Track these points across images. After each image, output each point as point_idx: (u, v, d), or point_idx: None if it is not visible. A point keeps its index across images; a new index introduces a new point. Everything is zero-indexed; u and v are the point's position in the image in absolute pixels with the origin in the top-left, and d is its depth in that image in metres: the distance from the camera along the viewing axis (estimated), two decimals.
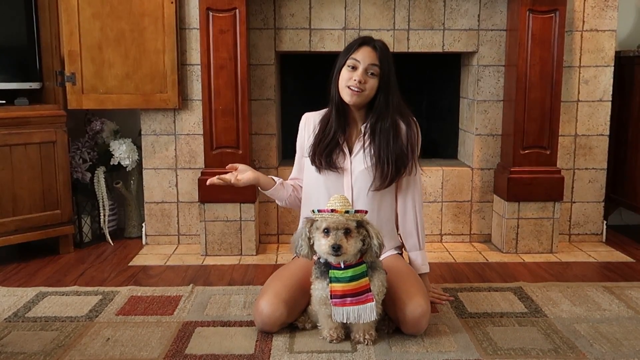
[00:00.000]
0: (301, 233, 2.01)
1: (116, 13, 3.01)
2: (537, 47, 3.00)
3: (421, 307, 2.06)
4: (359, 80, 2.16)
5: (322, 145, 2.25)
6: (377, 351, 2.02)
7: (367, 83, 2.18)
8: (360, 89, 2.17)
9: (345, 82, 2.19)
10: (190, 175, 3.25)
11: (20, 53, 3.02)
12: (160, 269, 2.92)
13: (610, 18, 3.18)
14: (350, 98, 2.19)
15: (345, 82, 2.19)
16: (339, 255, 1.92)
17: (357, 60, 2.17)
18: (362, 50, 2.19)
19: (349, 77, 2.18)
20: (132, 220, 3.45)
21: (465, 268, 2.94)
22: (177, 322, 2.27)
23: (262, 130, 3.24)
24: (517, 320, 2.28)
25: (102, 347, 2.07)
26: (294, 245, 2.03)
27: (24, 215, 2.96)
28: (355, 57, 2.18)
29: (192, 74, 3.16)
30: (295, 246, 2.03)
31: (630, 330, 2.20)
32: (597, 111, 3.26)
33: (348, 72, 2.19)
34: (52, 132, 3.02)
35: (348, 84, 2.18)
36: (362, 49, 2.19)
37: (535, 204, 3.13)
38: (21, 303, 2.45)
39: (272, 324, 2.10)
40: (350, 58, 2.19)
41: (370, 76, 2.18)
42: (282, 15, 3.15)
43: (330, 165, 2.23)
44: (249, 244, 3.12)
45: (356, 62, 2.17)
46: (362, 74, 2.17)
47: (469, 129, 3.37)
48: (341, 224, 1.93)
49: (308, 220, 2.02)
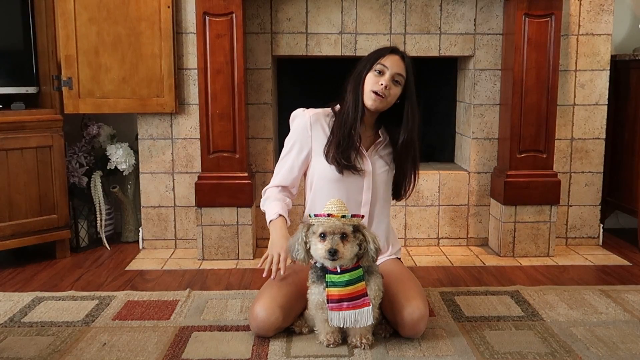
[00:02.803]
0: (298, 237, 2.01)
1: (113, 17, 3.01)
2: (533, 51, 3.00)
3: (419, 310, 2.06)
4: (385, 86, 2.17)
5: (344, 146, 2.21)
6: (374, 355, 2.02)
7: (391, 90, 2.19)
8: (384, 95, 2.18)
9: (371, 86, 2.19)
10: (187, 179, 3.25)
11: (17, 57, 3.02)
12: (157, 274, 2.92)
13: (606, 22, 3.19)
14: (372, 102, 2.19)
15: (370, 86, 2.19)
16: (335, 260, 1.92)
17: (385, 67, 2.19)
18: (391, 57, 2.20)
19: (376, 81, 2.18)
20: (128, 224, 3.44)
21: (462, 272, 2.94)
22: (173, 326, 2.27)
23: (259, 135, 3.25)
24: (514, 324, 2.28)
25: (98, 352, 2.07)
26: (291, 250, 2.03)
27: (20, 219, 2.96)
28: (384, 64, 2.19)
29: (189, 78, 3.17)
30: (292, 251, 2.03)
31: (626, 334, 2.20)
32: (593, 115, 3.27)
33: (375, 77, 2.19)
34: (48, 136, 3.01)
35: (374, 88, 2.18)
36: (391, 57, 2.21)
37: (532, 208, 3.13)
38: (17, 308, 2.44)
39: (267, 328, 2.10)
40: (379, 63, 2.19)
41: (395, 84, 2.20)
42: (279, 19, 3.15)
43: (351, 167, 2.22)
44: (246, 248, 3.12)
45: (384, 67, 2.18)
46: (389, 80, 2.18)
47: (465, 133, 3.38)
48: (338, 229, 1.93)
49: (305, 225, 2.02)
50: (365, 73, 2.21)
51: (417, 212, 3.31)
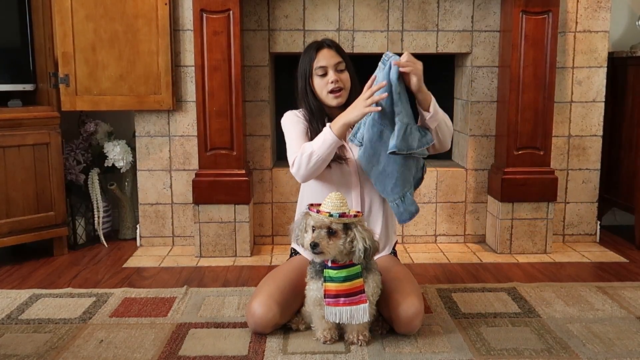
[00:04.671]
0: (300, 223, 2.03)
1: (110, 15, 3.00)
2: (531, 48, 3.01)
3: (415, 306, 2.06)
4: (335, 80, 2.21)
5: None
6: (370, 352, 2.02)
7: (341, 78, 2.24)
8: (340, 87, 2.22)
9: (324, 89, 2.23)
10: (185, 176, 3.25)
11: (14, 55, 3.01)
12: (155, 271, 2.92)
13: (603, 19, 3.19)
14: (336, 100, 2.24)
15: (324, 89, 2.23)
16: (316, 254, 1.95)
17: (323, 67, 2.23)
18: (321, 54, 2.24)
19: (325, 82, 2.23)
20: (126, 221, 3.44)
21: (459, 269, 2.94)
22: (170, 323, 2.27)
23: (257, 132, 3.25)
24: (511, 320, 2.29)
25: (95, 348, 2.07)
26: (294, 234, 2.05)
27: (17, 217, 2.96)
28: (320, 64, 2.23)
29: (186, 75, 3.16)
30: (294, 235, 2.05)
31: (623, 330, 2.20)
32: (591, 112, 3.27)
33: (321, 80, 2.24)
34: (45, 133, 3.01)
35: (328, 89, 2.22)
36: (321, 53, 2.24)
37: (529, 205, 3.14)
38: (15, 305, 2.45)
39: (264, 325, 2.10)
40: (316, 68, 2.23)
41: (340, 72, 2.25)
42: (276, 16, 3.15)
43: (336, 159, 2.22)
44: (243, 245, 3.12)
45: (324, 68, 2.23)
46: (334, 73, 2.22)
47: (463, 130, 3.38)
48: (325, 224, 1.94)
49: (306, 214, 2.03)
50: (310, 81, 2.25)
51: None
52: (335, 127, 2.11)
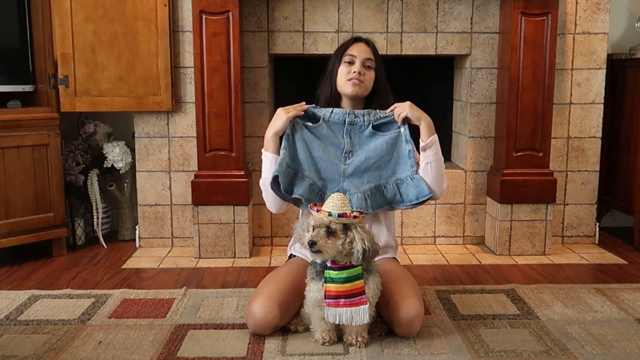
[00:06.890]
0: (302, 223, 2.05)
1: (109, 16, 3.00)
2: (530, 50, 3.01)
3: (415, 308, 2.06)
4: (358, 72, 2.26)
5: None
6: (369, 354, 2.02)
7: (365, 75, 2.28)
8: (360, 80, 2.26)
9: (344, 76, 2.29)
10: (184, 177, 3.25)
11: (13, 56, 3.01)
12: (154, 272, 2.92)
13: (602, 21, 3.19)
14: (352, 89, 2.27)
15: (345, 77, 2.29)
16: (314, 252, 1.95)
17: (353, 56, 2.28)
18: (357, 46, 2.31)
19: (348, 71, 2.28)
20: (125, 223, 3.44)
21: (458, 270, 2.94)
22: (169, 324, 2.27)
23: (256, 133, 3.25)
24: (509, 322, 2.29)
25: (94, 350, 2.07)
26: (297, 234, 2.07)
27: (16, 218, 2.96)
28: (351, 53, 2.29)
29: (186, 76, 3.17)
30: (297, 235, 2.06)
31: (621, 332, 2.20)
32: (590, 114, 3.27)
33: (346, 68, 2.29)
34: (45, 135, 3.01)
35: (348, 77, 2.27)
36: (356, 45, 2.31)
37: (528, 206, 3.14)
38: (13, 306, 2.44)
39: (264, 326, 2.10)
40: (346, 55, 2.29)
41: (367, 69, 2.30)
42: (276, 18, 3.15)
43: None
44: (242, 246, 3.12)
45: (352, 57, 2.29)
46: (360, 66, 2.27)
47: (462, 132, 3.38)
48: (324, 224, 1.94)
49: (308, 213, 2.04)
50: (337, 67, 2.31)
51: (413, 210, 3.31)
52: (265, 143, 2.26)
